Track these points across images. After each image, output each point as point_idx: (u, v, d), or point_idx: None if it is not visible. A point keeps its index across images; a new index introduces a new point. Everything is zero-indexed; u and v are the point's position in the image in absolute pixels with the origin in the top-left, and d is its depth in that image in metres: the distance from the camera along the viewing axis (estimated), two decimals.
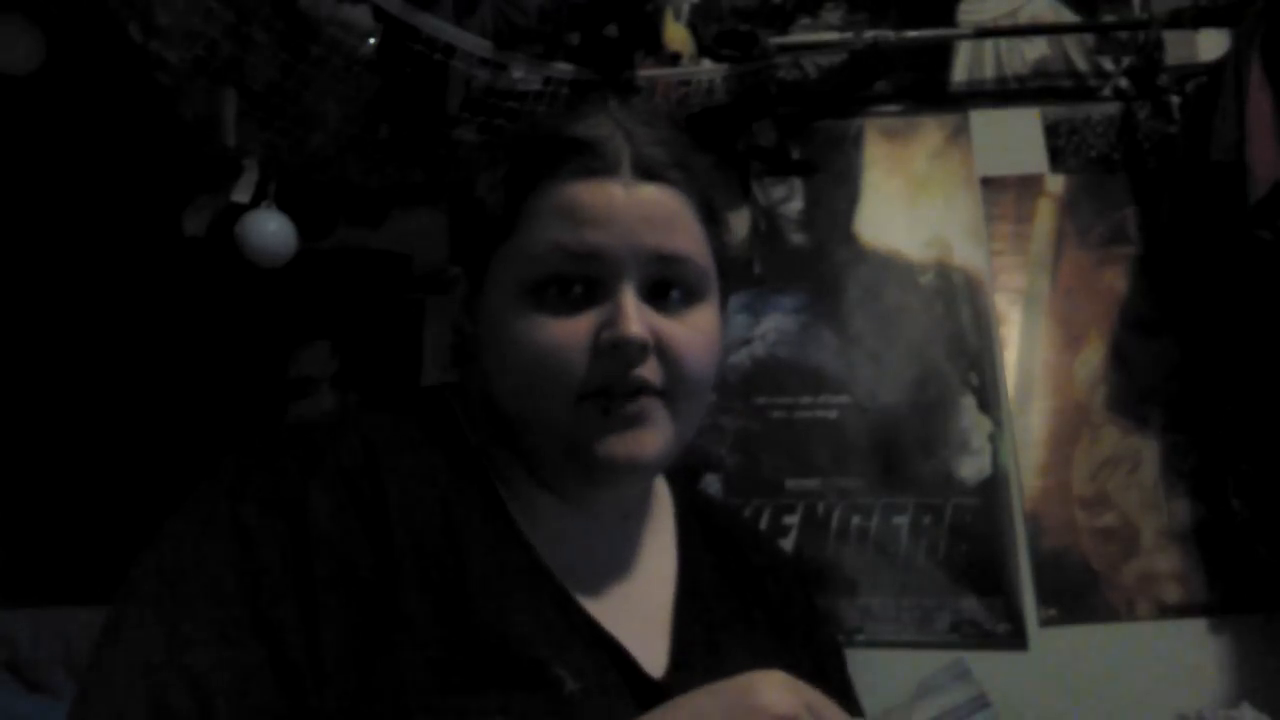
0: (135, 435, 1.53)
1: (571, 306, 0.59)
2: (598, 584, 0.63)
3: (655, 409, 0.60)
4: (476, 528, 0.59)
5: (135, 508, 0.96)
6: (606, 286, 0.59)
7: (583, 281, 0.59)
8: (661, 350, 0.60)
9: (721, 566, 0.73)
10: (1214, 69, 1.34)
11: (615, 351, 0.58)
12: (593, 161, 0.60)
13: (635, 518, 0.69)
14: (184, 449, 1.43)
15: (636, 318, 0.58)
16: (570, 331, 0.58)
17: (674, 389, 0.61)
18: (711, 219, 0.65)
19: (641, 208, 0.60)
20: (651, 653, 0.62)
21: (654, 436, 0.60)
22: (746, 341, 1.48)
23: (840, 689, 0.77)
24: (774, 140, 1.47)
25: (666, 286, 0.61)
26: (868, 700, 1.26)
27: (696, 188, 0.64)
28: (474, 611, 0.55)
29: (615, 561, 0.66)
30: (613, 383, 0.58)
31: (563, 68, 1.14)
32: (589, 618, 0.60)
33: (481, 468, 0.63)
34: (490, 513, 0.61)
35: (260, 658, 0.49)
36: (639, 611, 0.65)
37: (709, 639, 0.66)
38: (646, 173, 0.61)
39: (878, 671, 1.31)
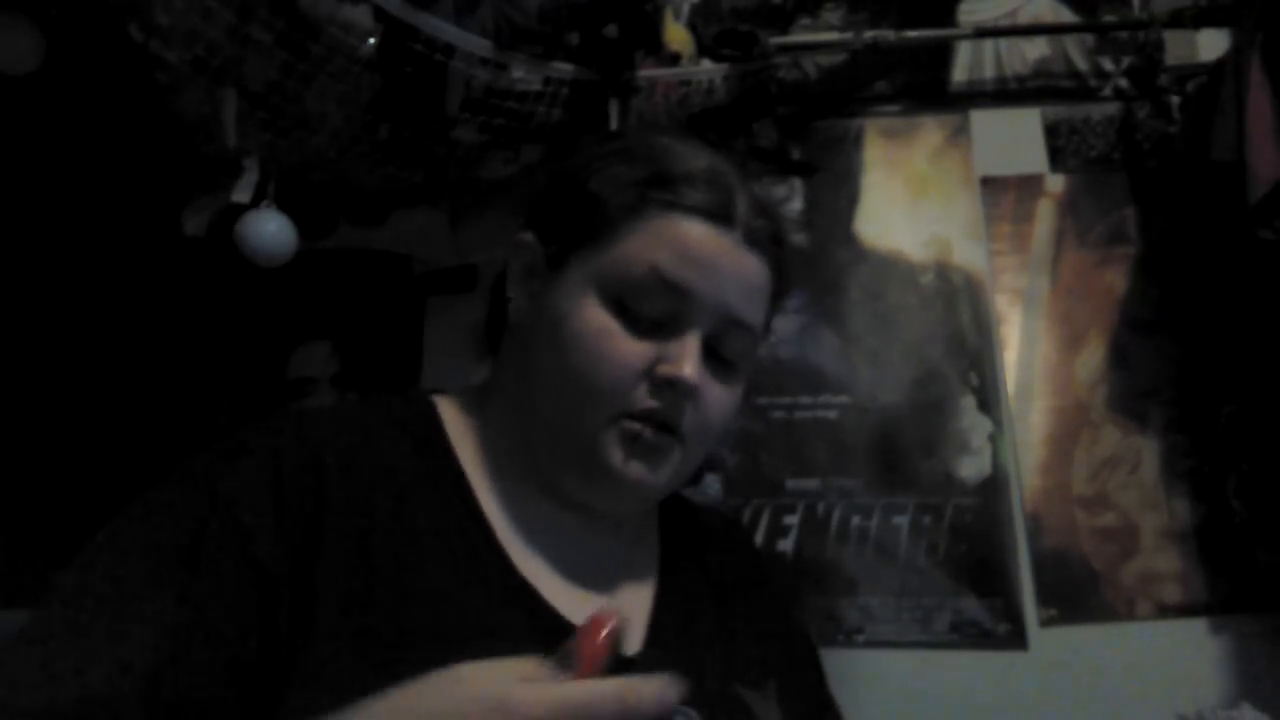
0: (135, 435, 1.53)
1: (641, 329, 0.63)
2: (572, 584, 0.65)
3: (673, 449, 0.64)
4: (438, 525, 0.60)
5: None
6: (679, 325, 0.63)
7: (660, 311, 0.63)
8: (697, 402, 0.64)
9: (703, 566, 0.75)
10: (1214, 69, 1.34)
11: (668, 387, 0.62)
12: (716, 210, 0.64)
13: (627, 531, 0.71)
14: (184, 449, 1.43)
15: (697, 364, 0.62)
16: (633, 351, 0.62)
17: (692, 438, 0.65)
18: (775, 301, 0.70)
19: (740, 271, 0.65)
20: (628, 641, 0.63)
21: (665, 471, 0.65)
22: None
23: (815, 686, 0.79)
24: (774, 140, 1.47)
25: (722, 347, 0.65)
26: (868, 700, 1.27)
27: (779, 270, 0.69)
28: (414, 604, 0.56)
29: (594, 567, 0.67)
30: (651, 413, 0.62)
31: (563, 68, 1.14)
32: (550, 609, 0.61)
33: (457, 468, 0.64)
34: (459, 511, 0.62)
35: (156, 628, 0.51)
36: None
37: (686, 626, 0.68)
38: (754, 242, 0.65)
39: (878, 671, 1.32)
